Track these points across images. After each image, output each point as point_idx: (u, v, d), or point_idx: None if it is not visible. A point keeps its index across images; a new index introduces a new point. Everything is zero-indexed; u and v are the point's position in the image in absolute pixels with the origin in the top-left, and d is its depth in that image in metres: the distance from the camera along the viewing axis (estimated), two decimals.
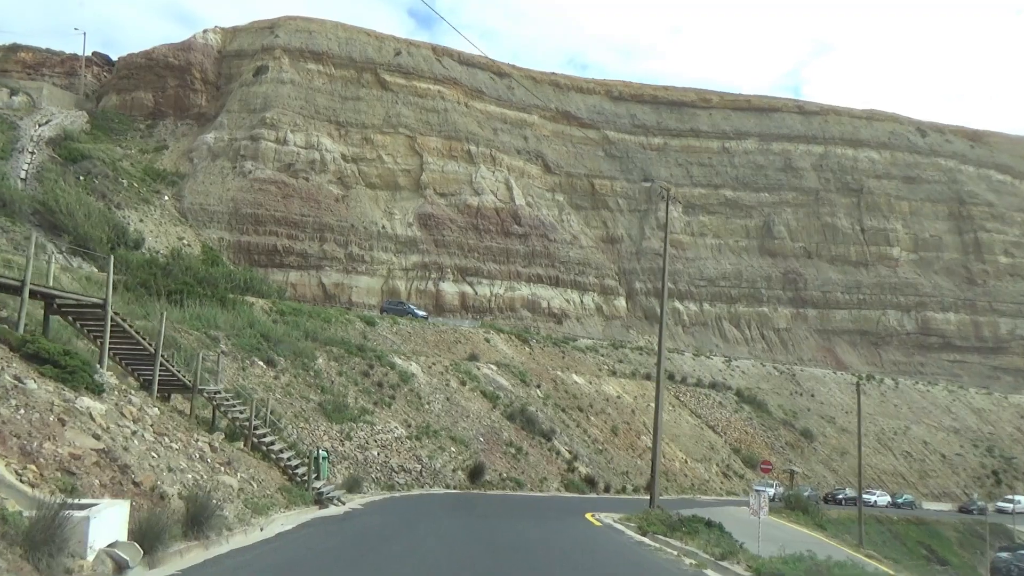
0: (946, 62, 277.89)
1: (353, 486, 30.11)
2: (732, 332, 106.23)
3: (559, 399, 57.51)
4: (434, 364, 49.67)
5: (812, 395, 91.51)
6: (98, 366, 19.10)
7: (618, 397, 65.34)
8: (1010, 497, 78.42)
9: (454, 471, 39.07)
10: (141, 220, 73.96)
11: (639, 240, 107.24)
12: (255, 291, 58.21)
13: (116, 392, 18.40)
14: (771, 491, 62.10)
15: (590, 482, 47.56)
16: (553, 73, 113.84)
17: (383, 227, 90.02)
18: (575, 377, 64.06)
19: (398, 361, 46.42)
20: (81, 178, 74.19)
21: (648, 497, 33.11)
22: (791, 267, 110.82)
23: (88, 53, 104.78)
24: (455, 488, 37.46)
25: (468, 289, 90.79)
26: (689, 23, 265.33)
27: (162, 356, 21.77)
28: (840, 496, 69.81)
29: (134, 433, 16.50)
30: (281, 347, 38.17)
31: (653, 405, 69.18)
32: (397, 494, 32.53)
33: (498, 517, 25.51)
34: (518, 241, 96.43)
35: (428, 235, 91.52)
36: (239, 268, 75.81)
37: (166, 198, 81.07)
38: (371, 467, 34.13)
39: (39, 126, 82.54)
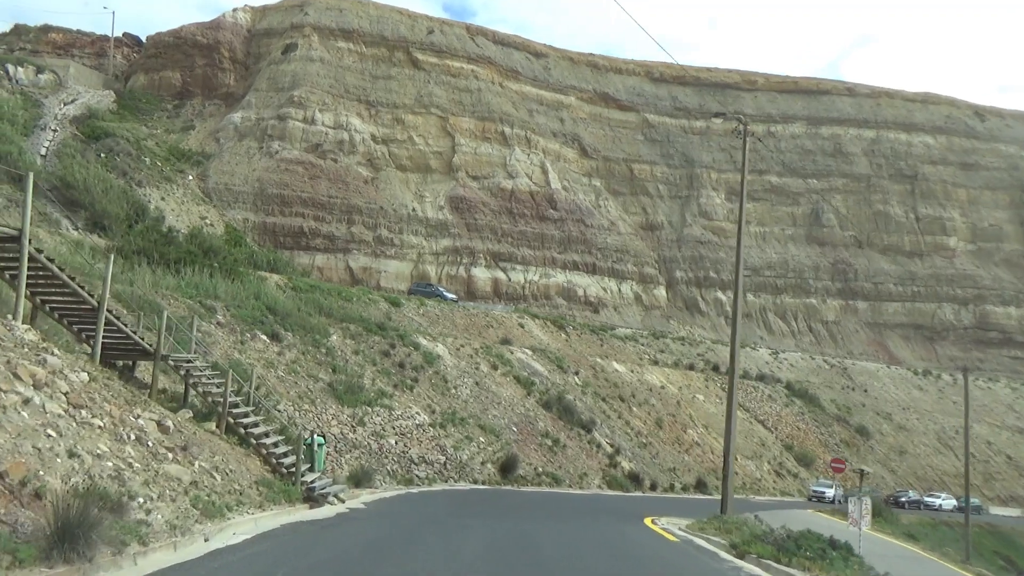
0: (997, 51, 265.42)
1: (362, 479, 25.09)
2: (778, 324, 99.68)
3: (599, 387, 52.07)
4: (463, 346, 44.56)
5: (865, 390, 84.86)
6: (10, 318, 14.14)
7: (662, 387, 59.68)
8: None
9: (483, 464, 33.91)
10: (163, 199, 69.90)
11: (680, 227, 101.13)
12: (278, 272, 53.75)
13: (24, 348, 13.41)
14: (831, 492, 56.09)
15: (634, 479, 42.08)
16: (591, 54, 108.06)
17: (413, 210, 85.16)
18: (616, 365, 58.55)
19: (423, 341, 41.37)
20: (102, 155, 70.35)
21: (711, 497, 27.45)
22: (841, 257, 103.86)
23: (119, 34, 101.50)
24: (483, 483, 32.27)
25: (501, 275, 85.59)
26: (724, 16, 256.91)
27: (111, 313, 16.78)
28: (903, 499, 63.45)
29: (26, 402, 11.46)
30: (289, 321, 33.31)
31: (699, 397, 63.47)
32: (415, 489, 27.43)
33: (537, 522, 20.21)
34: (553, 226, 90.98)
35: (460, 219, 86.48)
36: (263, 249, 71.63)
37: (190, 178, 77.06)
38: (387, 457, 29.08)
39: (64, 105, 78.98)
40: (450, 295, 62.70)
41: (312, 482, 18.67)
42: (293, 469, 18.33)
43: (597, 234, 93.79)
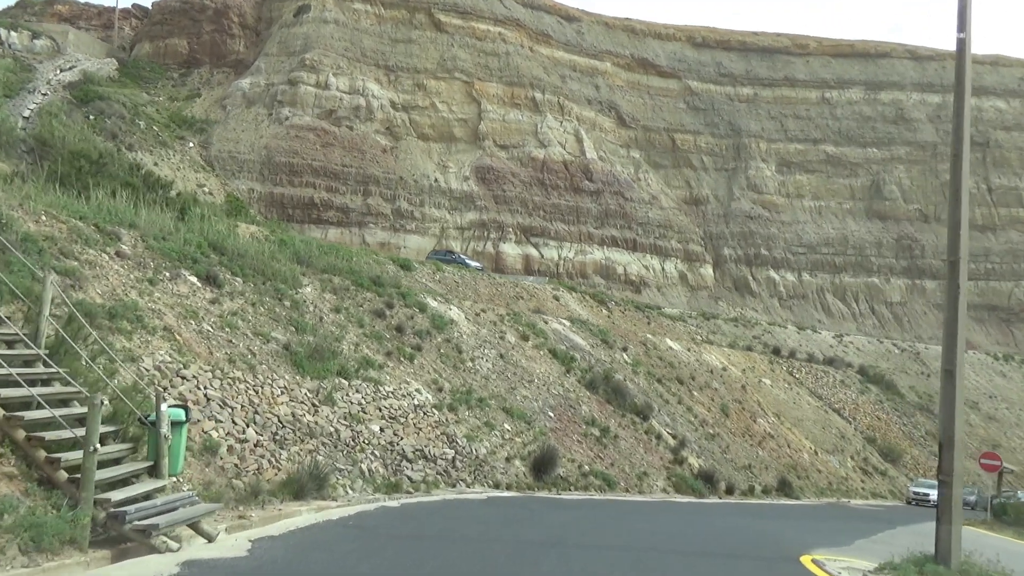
0: None
1: (307, 487, 14.90)
2: (837, 306, 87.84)
3: (652, 367, 41.38)
4: (484, 311, 34.23)
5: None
6: None
7: (723, 369, 48.76)
8: None
9: (508, 460, 23.58)
10: (156, 164, 60.47)
11: (727, 201, 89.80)
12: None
13: None
14: (935, 494, 44.79)
15: (707, 479, 31.38)
16: (627, 18, 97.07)
17: (436, 180, 75.13)
18: (669, 342, 47.78)
19: (432, 303, 31.14)
20: (91, 117, 61.15)
21: (826, 503, 16.94)
22: (905, 232, 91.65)
23: (127, 4, 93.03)
24: (509, 487, 22.01)
25: (533, 251, 75.21)
26: None
27: None
28: (1012, 501, 51.59)
29: None
30: (241, 264, 23.29)
31: (766, 381, 52.33)
32: (397, 501, 17.17)
33: None
34: (589, 199, 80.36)
35: (487, 190, 76.27)
36: (269, 222, 62.12)
37: (191, 145, 67.86)
38: (365, 450, 18.88)
39: (60, 71, 70.03)
40: (474, 263, 52.48)
41: (128, 502, 8.52)
42: (79, 477, 8.17)
43: (637, 208, 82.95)
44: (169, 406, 10.50)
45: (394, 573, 10.02)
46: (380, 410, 21.44)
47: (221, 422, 15.80)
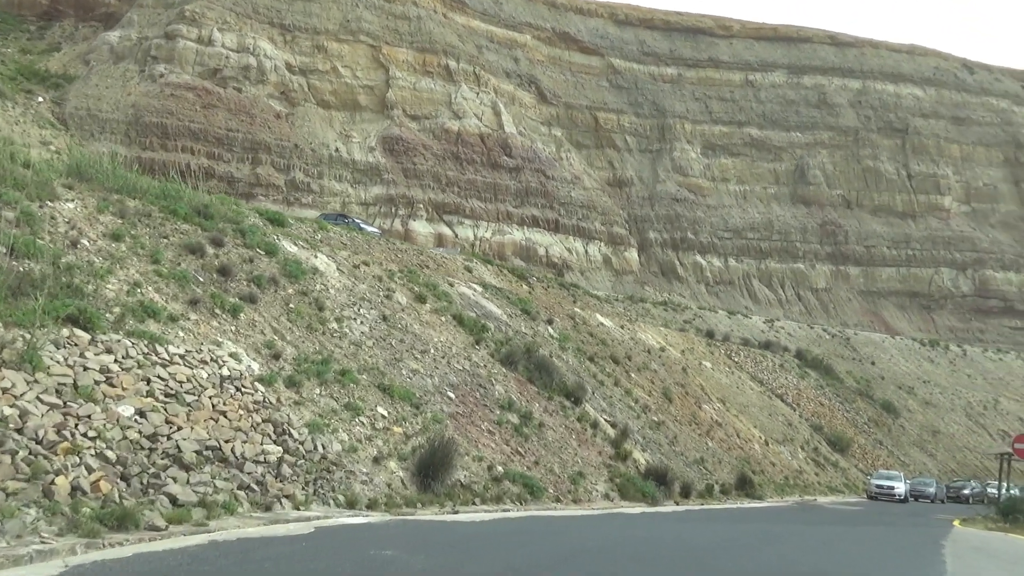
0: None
1: None
2: (764, 292, 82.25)
3: (582, 343, 33.12)
4: (366, 264, 25.15)
5: (872, 362, 67.61)
6: None
7: (661, 350, 41.01)
8: None
9: (377, 461, 14.78)
10: None
11: (652, 183, 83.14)
12: None
13: None
14: (901, 487, 38.17)
15: (659, 479, 23.16)
16: None
17: (337, 150, 65.36)
18: (600, 318, 39.72)
19: (287, 246, 21.90)
20: None
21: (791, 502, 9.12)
22: (829, 217, 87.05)
23: None
24: (374, 506, 13.12)
25: (446, 230, 66.30)
26: None
27: None
28: (965, 491, 45.93)
29: None
30: None
31: (706, 364, 44.97)
32: (106, 554, 7.85)
33: None
34: (508, 176, 72.05)
35: (395, 163, 66.96)
36: None
37: (40, 99, 56.09)
38: (73, 454, 9.43)
39: None
40: (372, 228, 43.11)
41: None
42: None
43: (559, 187, 75.16)
44: None
45: None
46: (147, 383, 12.17)
47: None
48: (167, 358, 13.13)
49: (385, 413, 16.90)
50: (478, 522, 13.68)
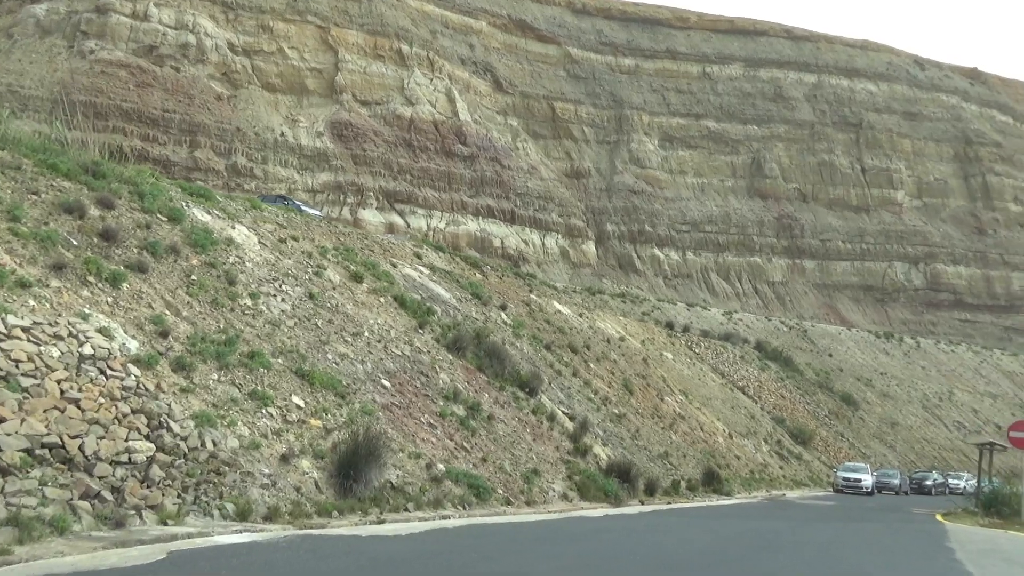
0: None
1: None
2: (721, 285, 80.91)
3: (538, 330, 30.56)
4: (295, 238, 22.12)
5: (830, 354, 66.49)
6: None
7: (621, 339, 38.71)
8: None
9: (286, 460, 11.88)
10: None
11: (609, 175, 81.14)
12: None
13: None
14: (868, 479, 36.50)
15: (622, 476, 20.68)
16: None
17: (282, 135, 61.77)
18: (557, 305, 37.25)
19: (199, 214, 18.80)
20: None
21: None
22: (785, 211, 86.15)
23: None
24: (274, 517, 10.36)
25: (397, 219, 63.24)
26: None
27: None
28: (928, 482, 44.62)
29: None
30: None
31: (667, 354, 42.76)
32: None
33: None
34: (463, 164, 69.23)
35: (344, 149, 63.61)
36: None
37: None
38: None
39: None
40: (314, 211, 39.90)
41: None
42: None
43: (516, 177, 72.61)
44: None
45: None
46: None
47: None
48: (3, 331, 10.11)
49: (301, 403, 14.04)
50: (405, 535, 10.94)
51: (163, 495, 9.76)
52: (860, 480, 35.07)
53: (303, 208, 38.18)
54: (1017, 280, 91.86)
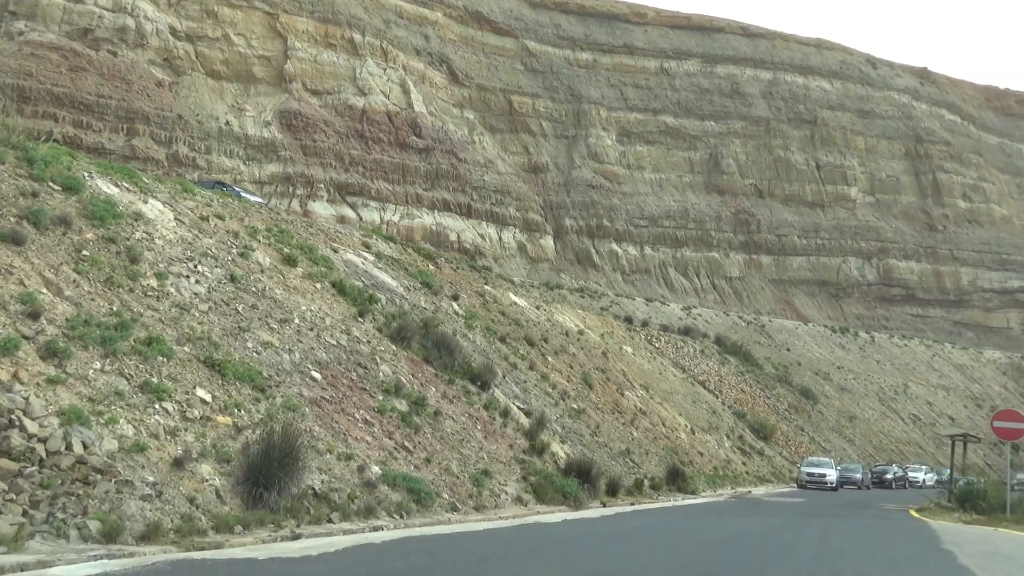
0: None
1: None
2: (679, 281, 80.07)
3: (492, 322, 28.64)
4: (220, 217, 19.77)
5: (788, 349, 66.08)
6: None
7: (580, 333, 37.02)
8: None
9: (180, 465, 9.79)
10: None
11: (567, 170, 79.66)
12: None
13: None
14: (833, 474, 35.40)
15: (582, 475, 18.86)
16: None
17: (227, 124, 58.77)
18: (513, 297, 35.39)
19: (102, 185, 16.40)
20: None
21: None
22: (742, 207, 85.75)
23: None
24: (152, 537, 8.13)
25: (349, 212, 60.75)
26: None
27: None
28: (888, 476, 43.96)
29: None
30: None
31: (627, 348, 41.10)
32: None
33: None
34: (418, 157, 66.96)
35: (294, 139, 60.86)
36: None
37: None
38: None
39: None
40: (255, 197, 37.30)
41: None
42: None
43: (472, 170, 70.60)
44: None
45: None
46: None
47: None
48: None
49: (208, 397, 11.87)
50: (316, 556, 8.88)
51: None
52: (825, 475, 33.95)
53: (243, 194, 35.56)
54: (966, 275, 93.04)
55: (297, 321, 16.67)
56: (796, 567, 10.08)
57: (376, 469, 13.34)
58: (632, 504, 20.12)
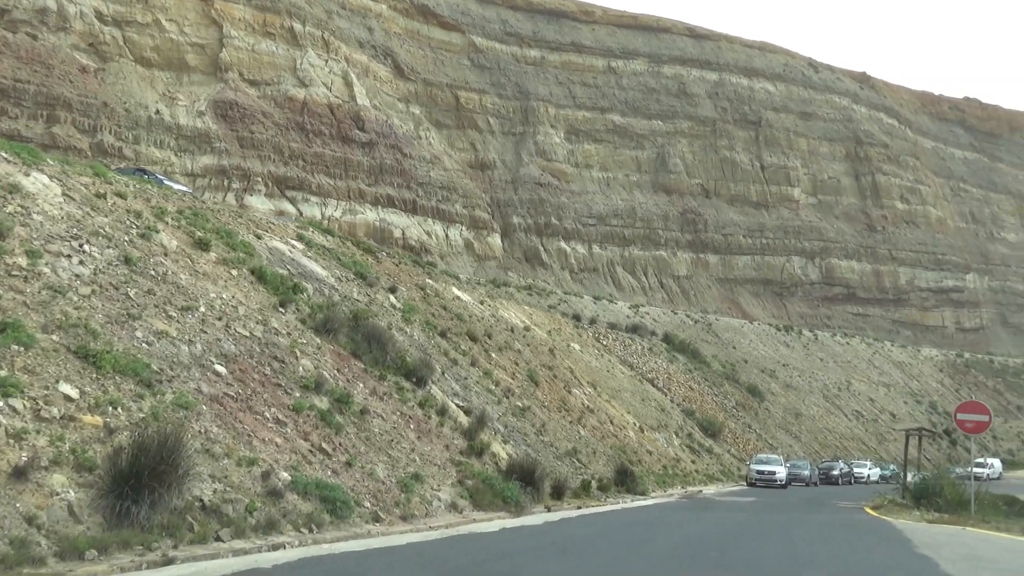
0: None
1: None
2: (627, 279, 79.46)
3: (433, 316, 26.88)
4: (118, 195, 17.56)
5: (734, 347, 65.90)
6: None
7: (526, 329, 35.51)
8: (982, 460, 55.05)
9: (29, 475, 7.98)
10: None
11: (515, 167, 78.29)
12: None
13: None
14: (782, 471, 34.64)
15: (524, 477, 17.28)
16: None
17: (158, 112, 55.58)
18: (456, 291, 33.67)
19: None
20: None
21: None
22: (689, 206, 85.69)
23: None
24: None
25: (289, 207, 58.08)
26: None
27: None
28: (835, 472, 43.64)
29: None
30: None
31: (575, 346, 39.64)
32: None
33: None
34: (361, 151, 64.69)
35: (229, 130, 57.98)
36: None
37: None
38: None
39: None
40: (178, 185, 34.69)
41: None
42: None
43: (418, 166, 68.60)
44: None
45: None
46: None
47: None
48: None
49: (74, 394, 9.89)
50: None
51: None
52: (774, 473, 33.15)
53: (165, 181, 33.07)
54: (904, 275, 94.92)
55: (203, 309, 14.68)
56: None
57: (285, 475, 11.52)
58: (579, 508, 18.64)
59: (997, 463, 52.83)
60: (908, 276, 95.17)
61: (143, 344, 12.23)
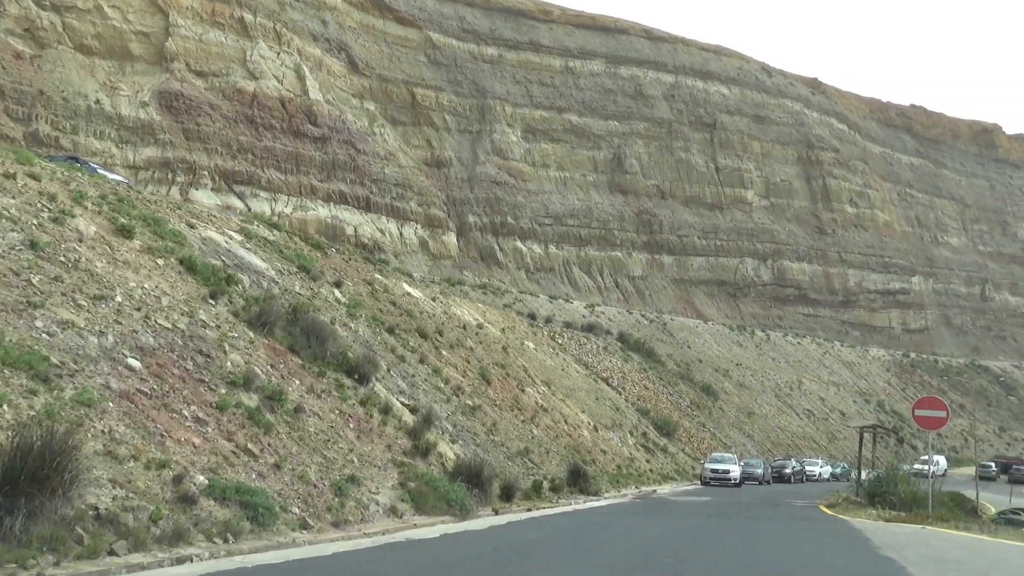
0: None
1: None
2: (583, 279, 79.11)
3: (381, 312, 25.79)
4: (31, 177, 16.12)
5: (688, 347, 66.07)
6: None
7: (479, 327, 34.58)
8: (926, 457, 55.89)
9: None
10: None
11: (471, 165, 77.32)
12: None
13: None
14: (736, 471, 34.35)
15: (471, 479, 16.36)
16: None
17: (98, 102, 53.20)
18: (407, 287, 32.58)
19: None
20: None
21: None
22: (645, 207, 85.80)
23: None
24: None
25: (236, 202, 56.15)
26: None
27: None
28: (787, 470, 43.67)
29: None
30: None
31: (529, 344, 38.75)
32: None
33: None
34: (312, 146, 63.01)
35: (174, 122, 55.81)
36: None
37: None
38: None
39: None
40: (114, 175, 32.83)
41: None
42: None
43: (372, 162, 67.15)
44: None
45: None
46: None
47: None
48: None
49: None
50: None
51: None
52: (728, 471, 32.84)
53: (99, 170, 31.25)
54: (853, 277, 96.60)
55: (119, 299, 13.43)
56: None
57: (201, 479, 10.41)
58: (529, 510, 17.80)
59: (943, 460, 53.64)
60: (857, 278, 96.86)
61: (43, 335, 10.99)
